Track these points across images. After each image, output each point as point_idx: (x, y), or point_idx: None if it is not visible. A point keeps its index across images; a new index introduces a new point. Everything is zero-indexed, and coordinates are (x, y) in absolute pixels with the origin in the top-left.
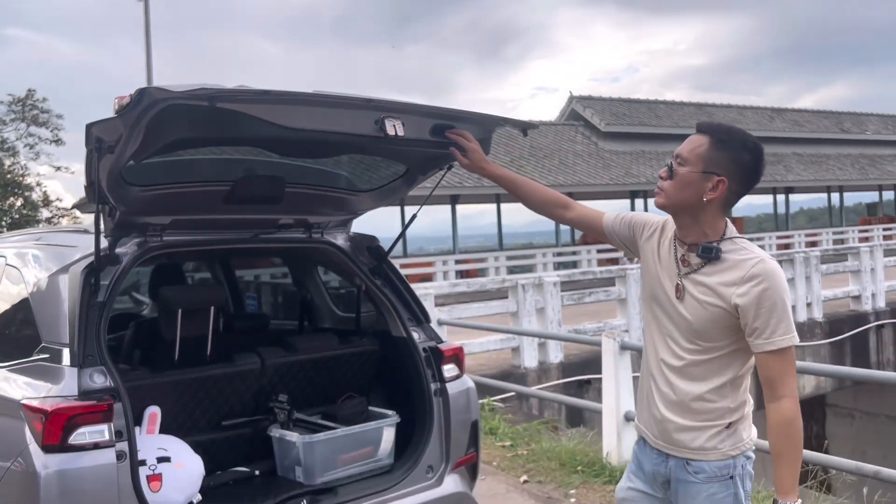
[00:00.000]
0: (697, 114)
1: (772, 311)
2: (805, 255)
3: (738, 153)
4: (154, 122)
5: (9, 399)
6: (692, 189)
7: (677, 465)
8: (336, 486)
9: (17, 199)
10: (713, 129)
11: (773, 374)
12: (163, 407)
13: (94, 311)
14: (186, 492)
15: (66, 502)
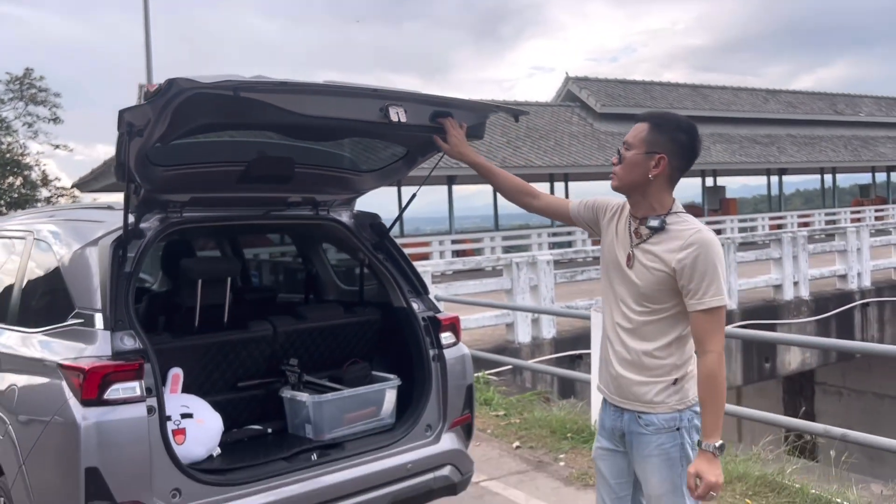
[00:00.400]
0: (693, 95)
1: (703, 275)
2: (793, 234)
3: (674, 133)
4: (180, 109)
5: (46, 360)
6: (639, 169)
7: (630, 418)
8: (343, 442)
9: (16, 178)
10: (651, 116)
11: (702, 331)
12: (184, 369)
13: (123, 281)
14: (207, 445)
15: (103, 451)
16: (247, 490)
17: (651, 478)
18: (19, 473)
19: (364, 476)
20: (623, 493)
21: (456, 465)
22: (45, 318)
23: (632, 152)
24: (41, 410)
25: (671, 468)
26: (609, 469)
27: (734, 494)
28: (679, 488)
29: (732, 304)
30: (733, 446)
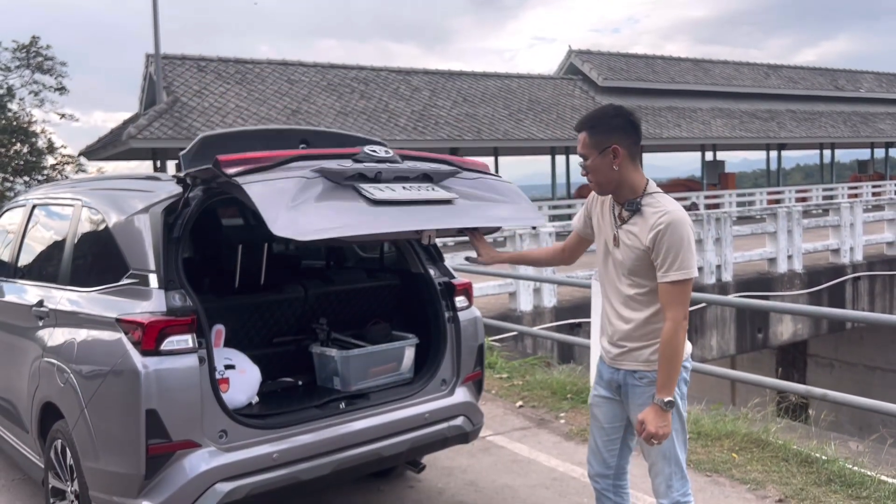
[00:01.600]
0: (694, 70)
1: (669, 251)
2: (788, 209)
3: (609, 122)
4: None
5: (104, 316)
6: (604, 168)
7: (627, 374)
8: (367, 393)
9: (23, 145)
10: (583, 123)
11: (665, 301)
12: (226, 326)
13: (173, 245)
14: (247, 393)
15: (161, 395)
16: (283, 433)
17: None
18: (81, 416)
19: (387, 423)
20: (615, 435)
21: (468, 417)
22: (99, 278)
23: (590, 160)
24: (101, 360)
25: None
26: (604, 414)
27: (722, 450)
28: (671, 433)
29: (727, 275)
30: (723, 407)
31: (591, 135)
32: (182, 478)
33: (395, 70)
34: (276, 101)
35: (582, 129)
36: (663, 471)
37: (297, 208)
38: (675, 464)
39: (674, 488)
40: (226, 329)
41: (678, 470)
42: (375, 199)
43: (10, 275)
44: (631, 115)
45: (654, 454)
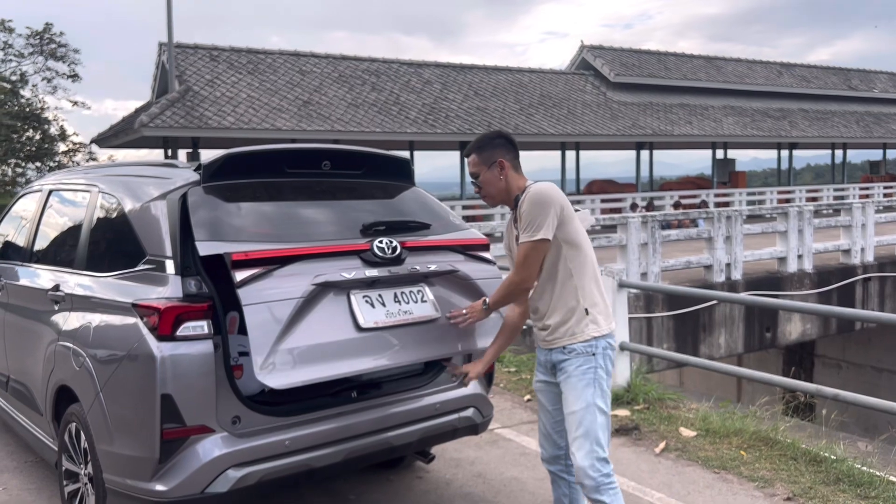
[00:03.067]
0: (706, 67)
1: (525, 218)
2: (799, 208)
3: (491, 142)
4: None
5: (121, 301)
6: (494, 181)
7: (556, 352)
8: (380, 382)
9: (35, 132)
10: (472, 148)
11: (517, 258)
12: (238, 313)
13: (188, 231)
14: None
15: (176, 380)
16: (296, 421)
17: (568, 395)
18: (96, 400)
19: (398, 413)
20: (559, 416)
21: (478, 408)
22: (116, 263)
23: (482, 176)
24: (117, 345)
25: (585, 387)
26: (548, 398)
27: (730, 447)
28: (592, 406)
29: (737, 274)
30: (731, 404)
31: (478, 154)
32: (195, 462)
33: (406, 62)
34: (288, 92)
35: (471, 153)
36: (582, 446)
37: (281, 348)
38: (595, 441)
39: (594, 467)
40: (239, 316)
41: (598, 448)
42: (363, 327)
43: (25, 259)
44: (508, 134)
45: (572, 429)
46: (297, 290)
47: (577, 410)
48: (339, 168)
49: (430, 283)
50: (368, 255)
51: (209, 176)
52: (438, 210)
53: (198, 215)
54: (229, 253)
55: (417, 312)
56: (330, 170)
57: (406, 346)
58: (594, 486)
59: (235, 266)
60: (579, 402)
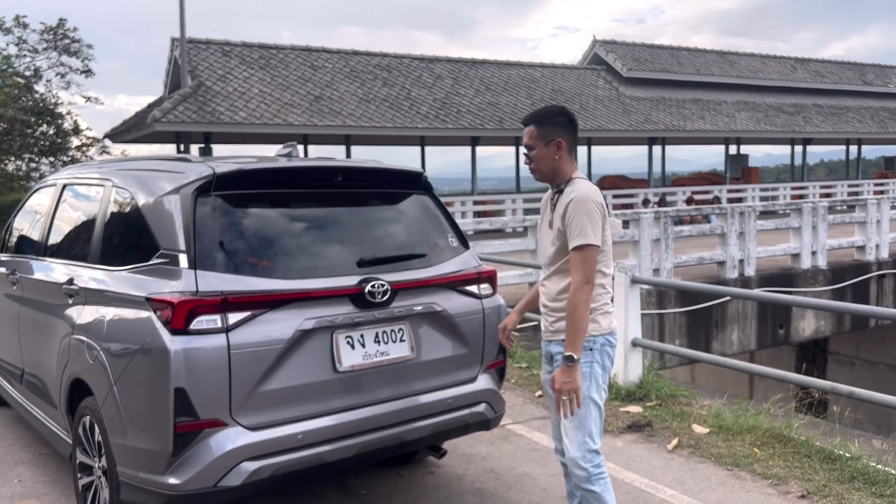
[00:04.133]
0: (720, 62)
1: (572, 222)
2: (813, 204)
3: (555, 119)
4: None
5: (134, 294)
6: (548, 158)
7: (556, 344)
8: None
9: (49, 127)
10: (531, 117)
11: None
12: None
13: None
14: None
15: (189, 374)
16: (308, 414)
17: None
18: (110, 393)
19: (410, 408)
20: None
21: (490, 404)
22: (130, 257)
23: (536, 150)
24: (131, 338)
25: (581, 380)
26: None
27: (743, 444)
28: (586, 398)
29: (750, 270)
30: (744, 401)
31: (539, 128)
32: (208, 456)
33: (417, 58)
34: (300, 87)
35: (530, 123)
36: (574, 437)
37: (260, 390)
38: (587, 433)
39: (586, 458)
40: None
41: (590, 440)
42: (339, 370)
43: (40, 253)
44: (572, 114)
45: (567, 421)
46: (284, 333)
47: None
48: (350, 182)
49: (413, 322)
50: (360, 300)
51: (221, 185)
52: (442, 229)
53: (201, 231)
54: (225, 294)
55: (393, 353)
56: (341, 185)
57: (379, 387)
58: (585, 476)
59: (229, 308)
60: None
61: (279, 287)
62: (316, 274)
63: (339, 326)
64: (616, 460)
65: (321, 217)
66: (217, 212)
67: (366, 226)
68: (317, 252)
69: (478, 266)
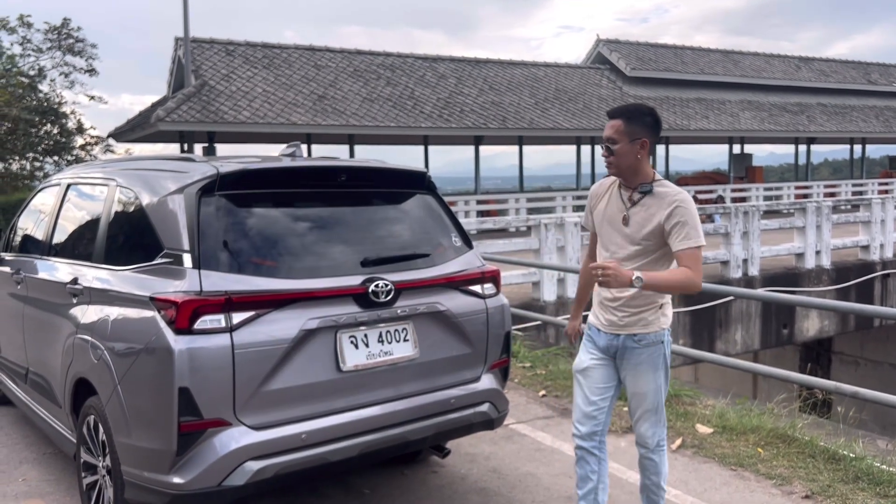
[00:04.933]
0: (723, 61)
1: (686, 223)
2: (817, 204)
3: (643, 118)
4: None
5: (139, 294)
6: (630, 155)
7: (626, 338)
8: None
9: (53, 126)
10: (620, 112)
11: (689, 262)
12: None
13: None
14: None
15: (193, 373)
16: (312, 414)
17: (639, 378)
18: (115, 393)
19: (413, 407)
20: (608, 394)
21: (493, 403)
22: (134, 257)
23: (619, 145)
24: (135, 338)
25: (655, 371)
26: (601, 376)
27: (747, 444)
28: (660, 387)
29: (754, 270)
30: (748, 401)
31: (627, 123)
32: (212, 455)
33: (421, 57)
34: (303, 87)
35: (619, 117)
36: (649, 419)
37: (263, 390)
38: (661, 412)
39: (657, 433)
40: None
41: (662, 418)
42: (343, 370)
43: (44, 253)
44: (659, 118)
45: (644, 405)
46: (288, 333)
47: (648, 391)
48: (354, 182)
49: (416, 322)
50: (363, 300)
51: (222, 188)
52: (445, 228)
53: (205, 231)
54: (229, 294)
55: (397, 353)
56: (345, 185)
57: (382, 386)
58: (655, 445)
59: (233, 308)
60: (651, 383)
61: (283, 287)
62: (320, 273)
63: (342, 326)
64: (620, 460)
65: (325, 217)
66: (221, 211)
67: (369, 225)
68: (321, 252)
69: (481, 266)
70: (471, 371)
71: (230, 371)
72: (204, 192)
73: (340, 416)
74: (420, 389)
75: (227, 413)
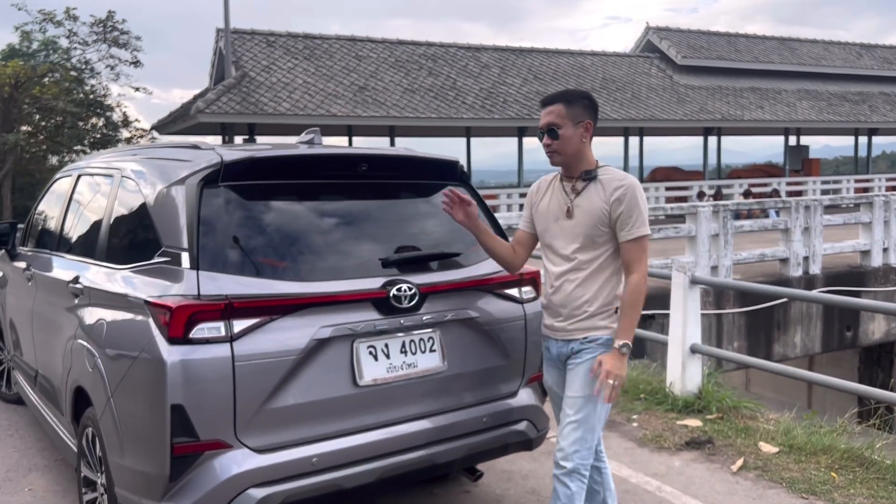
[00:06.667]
0: (780, 49)
1: (631, 212)
2: (885, 198)
3: (581, 99)
4: None
5: (133, 296)
6: (575, 139)
7: (577, 343)
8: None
9: (98, 119)
10: (558, 97)
11: (633, 257)
12: None
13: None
14: None
15: (188, 388)
16: (323, 435)
17: (575, 381)
18: (107, 406)
19: (440, 427)
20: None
21: (532, 421)
22: (133, 255)
23: (563, 130)
24: (128, 346)
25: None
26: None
27: (819, 467)
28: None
29: (816, 268)
30: (816, 416)
31: (567, 107)
32: (211, 481)
33: (464, 46)
34: (344, 78)
35: (556, 102)
36: (575, 432)
37: (268, 408)
38: (590, 431)
39: (580, 454)
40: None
41: (590, 438)
42: (360, 384)
43: (52, 248)
44: (595, 100)
45: (571, 413)
46: (297, 343)
47: (580, 396)
48: (376, 173)
49: (444, 330)
50: (384, 305)
51: (227, 178)
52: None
53: (206, 227)
54: (230, 298)
55: (422, 365)
56: (365, 175)
57: (405, 403)
58: (571, 468)
59: (234, 314)
60: (586, 388)
61: (292, 290)
62: (334, 275)
63: (360, 335)
64: (674, 483)
65: (342, 211)
66: (224, 205)
67: (392, 221)
68: (336, 251)
69: None
70: (507, 385)
71: (230, 386)
72: (206, 183)
73: (357, 437)
74: (448, 406)
75: (226, 434)
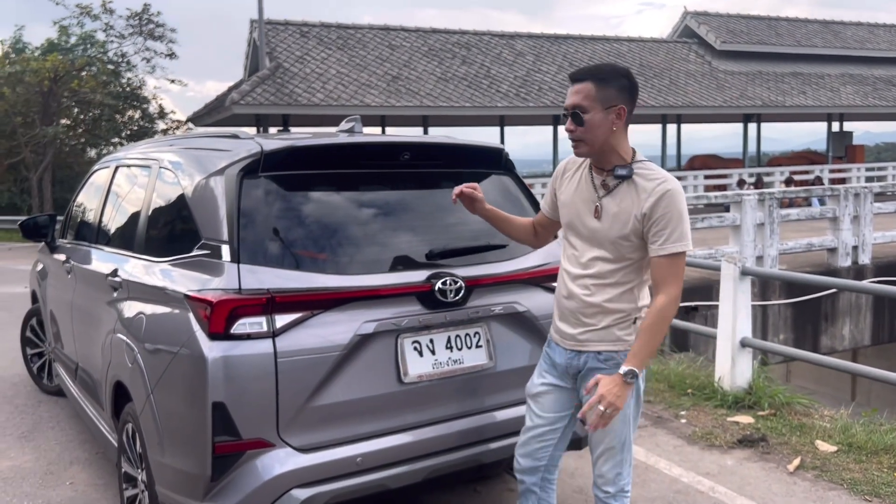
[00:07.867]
0: (822, 32)
1: (669, 222)
2: None
3: (619, 80)
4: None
5: (173, 290)
6: (604, 126)
7: (590, 357)
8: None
9: (135, 111)
10: (589, 73)
11: (663, 274)
12: None
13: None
14: None
15: (230, 386)
16: (369, 434)
17: None
18: (147, 402)
19: (488, 425)
20: (559, 424)
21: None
22: (172, 247)
23: (591, 115)
24: (169, 341)
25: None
26: (552, 403)
27: (881, 468)
28: (629, 419)
29: (865, 258)
30: (876, 412)
31: (598, 87)
32: (253, 482)
33: (497, 34)
34: (377, 67)
35: (587, 79)
36: (615, 457)
37: (311, 405)
38: (628, 450)
39: (622, 476)
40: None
41: (629, 457)
42: (405, 381)
43: (90, 240)
44: (636, 80)
45: (607, 440)
46: (341, 339)
47: (613, 423)
48: (419, 161)
49: (491, 324)
50: (429, 299)
51: (267, 168)
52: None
53: (246, 218)
54: (272, 292)
55: (468, 361)
56: (408, 164)
57: (451, 400)
58: (615, 492)
59: (276, 309)
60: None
61: (335, 284)
62: (378, 268)
63: (404, 330)
64: (727, 483)
65: (384, 202)
66: (265, 195)
67: (437, 212)
68: (378, 243)
69: None
70: None
71: (273, 383)
72: (246, 174)
73: (402, 436)
74: (495, 404)
75: (269, 432)
